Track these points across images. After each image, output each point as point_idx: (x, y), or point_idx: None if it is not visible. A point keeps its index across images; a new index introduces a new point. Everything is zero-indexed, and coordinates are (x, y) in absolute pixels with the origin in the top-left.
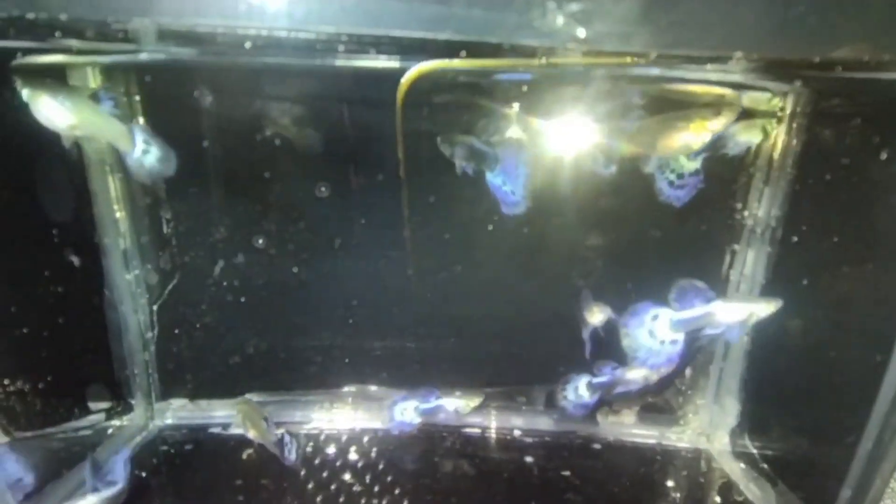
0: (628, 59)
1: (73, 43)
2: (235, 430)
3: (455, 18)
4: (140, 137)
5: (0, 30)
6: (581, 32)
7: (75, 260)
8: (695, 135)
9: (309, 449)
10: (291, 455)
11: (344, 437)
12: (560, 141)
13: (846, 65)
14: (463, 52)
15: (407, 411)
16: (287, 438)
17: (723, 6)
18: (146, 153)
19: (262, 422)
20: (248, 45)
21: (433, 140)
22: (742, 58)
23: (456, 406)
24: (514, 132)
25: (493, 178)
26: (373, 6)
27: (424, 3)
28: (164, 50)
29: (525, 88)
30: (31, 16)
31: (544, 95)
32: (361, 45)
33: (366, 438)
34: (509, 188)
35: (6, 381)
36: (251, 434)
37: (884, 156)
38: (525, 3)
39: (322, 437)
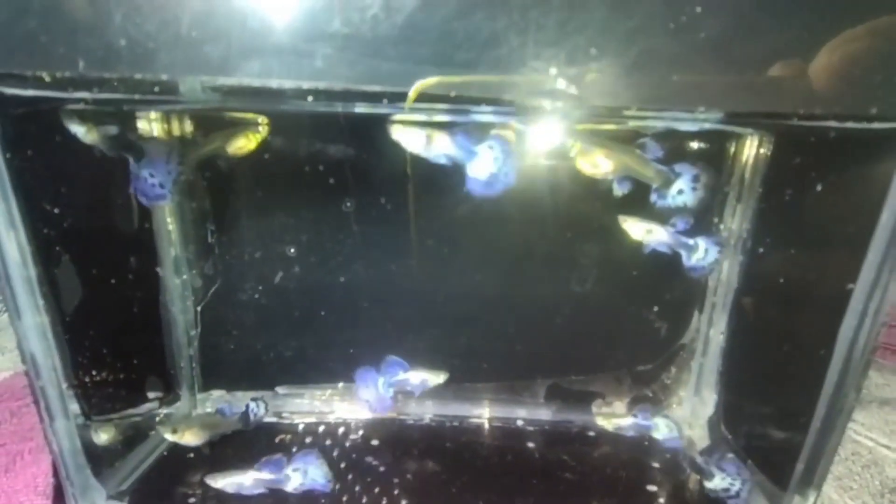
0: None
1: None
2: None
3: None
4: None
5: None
6: (573, 90)
7: (139, 267)
8: None
9: (333, 435)
10: (255, 418)
11: (362, 426)
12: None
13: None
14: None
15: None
16: (252, 406)
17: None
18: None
19: (192, 427)
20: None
21: None
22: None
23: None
24: None
25: (139, 169)
26: (411, 70)
27: (453, 68)
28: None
29: None
30: (138, 76)
31: None
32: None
33: (382, 427)
34: (157, 180)
35: (90, 373)
36: (186, 440)
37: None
38: (530, 69)
39: (343, 426)
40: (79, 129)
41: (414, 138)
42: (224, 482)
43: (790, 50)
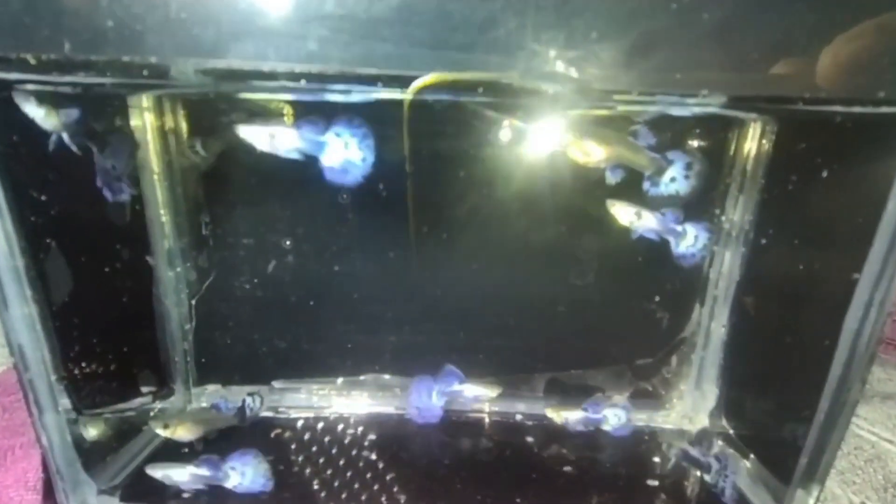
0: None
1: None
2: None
3: (477, 62)
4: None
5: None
6: (574, 73)
7: (131, 258)
8: None
9: (331, 431)
10: (252, 413)
11: (360, 421)
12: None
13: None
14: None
15: None
16: (248, 401)
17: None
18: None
19: (185, 422)
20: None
21: None
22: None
23: None
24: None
25: (102, 161)
26: (408, 52)
27: (451, 50)
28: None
29: None
30: (126, 59)
31: None
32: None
33: (380, 422)
34: (119, 173)
35: (80, 366)
36: (179, 435)
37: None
38: (531, 52)
39: (341, 421)
40: (37, 113)
41: (258, 136)
42: (162, 473)
43: (796, 33)
